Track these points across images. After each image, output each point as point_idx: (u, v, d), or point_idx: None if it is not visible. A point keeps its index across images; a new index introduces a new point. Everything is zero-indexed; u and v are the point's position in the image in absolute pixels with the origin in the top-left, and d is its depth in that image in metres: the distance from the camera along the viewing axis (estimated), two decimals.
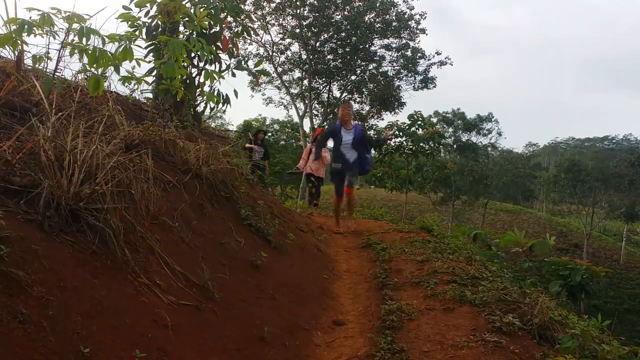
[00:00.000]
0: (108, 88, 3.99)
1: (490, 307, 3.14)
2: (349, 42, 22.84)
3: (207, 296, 2.56)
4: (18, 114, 2.68)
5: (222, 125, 17.38)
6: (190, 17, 4.64)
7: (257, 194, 4.91)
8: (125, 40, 3.28)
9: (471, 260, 4.72)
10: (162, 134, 3.66)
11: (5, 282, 1.58)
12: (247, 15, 10.20)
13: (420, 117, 15.57)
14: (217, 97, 5.08)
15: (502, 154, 44.34)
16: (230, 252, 3.26)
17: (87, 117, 2.91)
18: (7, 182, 2.06)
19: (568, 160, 39.63)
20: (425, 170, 23.20)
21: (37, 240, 1.86)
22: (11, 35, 2.79)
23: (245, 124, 27.13)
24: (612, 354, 2.72)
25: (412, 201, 37.26)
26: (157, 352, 1.89)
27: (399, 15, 22.52)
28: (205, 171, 3.72)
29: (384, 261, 4.66)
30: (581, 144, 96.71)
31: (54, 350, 1.52)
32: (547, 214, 45.83)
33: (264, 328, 2.66)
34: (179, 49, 3.81)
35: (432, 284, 3.72)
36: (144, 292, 2.16)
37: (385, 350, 2.70)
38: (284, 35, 23.71)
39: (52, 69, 3.21)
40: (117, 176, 2.42)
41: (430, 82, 23.86)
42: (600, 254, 34.71)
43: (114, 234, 2.19)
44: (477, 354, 2.56)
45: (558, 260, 9.34)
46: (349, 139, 6.39)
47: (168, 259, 2.52)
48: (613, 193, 35.83)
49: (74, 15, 2.88)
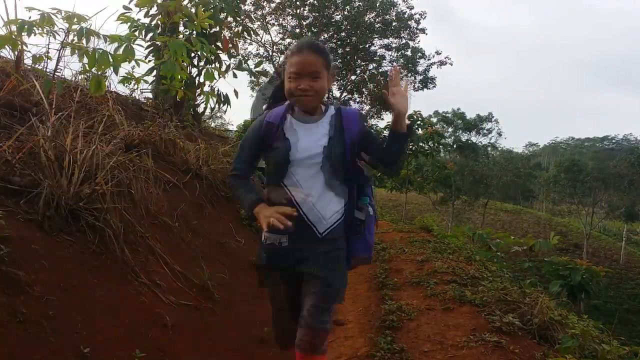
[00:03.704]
0: (108, 88, 3.99)
1: (490, 307, 3.15)
2: (349, 42, 22.85)
3: (207, 296, 2.56)
4: (18, 114, 2.68)
5: (222, 125, 17.37)
6: (191, 18, 4.64)
7: None
8: (125, 41, 3.28)
9: (471, 260, 4.73)
10: (162, 134, 3.66)
11: (5, 282, 1.58)
12: (247, 15, 10.21)
13: (420, 117, 15.56)
14: (217, 96, 5.08)
15: (502, 154, 44.34)
16: (230, 252, 3.26)
17: (87, 117, 2.92)
18: (7, 182, 2.06)
19: (568, 160, 39.64)
20: (425, 170, 23.18)
21: (37, 240, 1.86)
22: (11, 35, 2.79)
23: (246, 124, 27.14)
24: (612, 354, 2.72)
25: (412, 201, 37.23)
26: (157, 352, 1.89)
27: (399, 15, 22.54)
28: (205, 171, 3.73)
29: (384, 261, 4.66)
30: (581, 144, 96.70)
31: (54, 350, 1.52)
32: (547, 214, 45.81)
33: (264, 328, 2.66)
34: (179, 49, 3.81)
35: (432, 283, 3.72)
36: (144, 292, 2.16)
37: (385, 350, 2.70)
38: (284, 35, 23.72)
39: (52, 69, 3.22)
40: (117, 176, 2.42)
41: (430, 82, 23.87)
42: (600, 254, 34.70)
43: (114, 234, 2.19)
44: (477, 354, 2.56)
45: (558, 260, 9.35)
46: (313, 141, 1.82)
47: (168, 259, 2.52)
48: (613, 193, 35.81)
49: (74, 15, 2.88)
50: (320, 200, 1.77)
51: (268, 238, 1.82)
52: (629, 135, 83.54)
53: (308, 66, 1.74)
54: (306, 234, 1.75)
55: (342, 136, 1.81)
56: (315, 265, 1.77)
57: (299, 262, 1.78)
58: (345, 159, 1.80)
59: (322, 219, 1.77)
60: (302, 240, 1.76)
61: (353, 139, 1.82)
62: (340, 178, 1.82)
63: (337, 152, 1.78)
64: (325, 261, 1.78)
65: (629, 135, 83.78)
